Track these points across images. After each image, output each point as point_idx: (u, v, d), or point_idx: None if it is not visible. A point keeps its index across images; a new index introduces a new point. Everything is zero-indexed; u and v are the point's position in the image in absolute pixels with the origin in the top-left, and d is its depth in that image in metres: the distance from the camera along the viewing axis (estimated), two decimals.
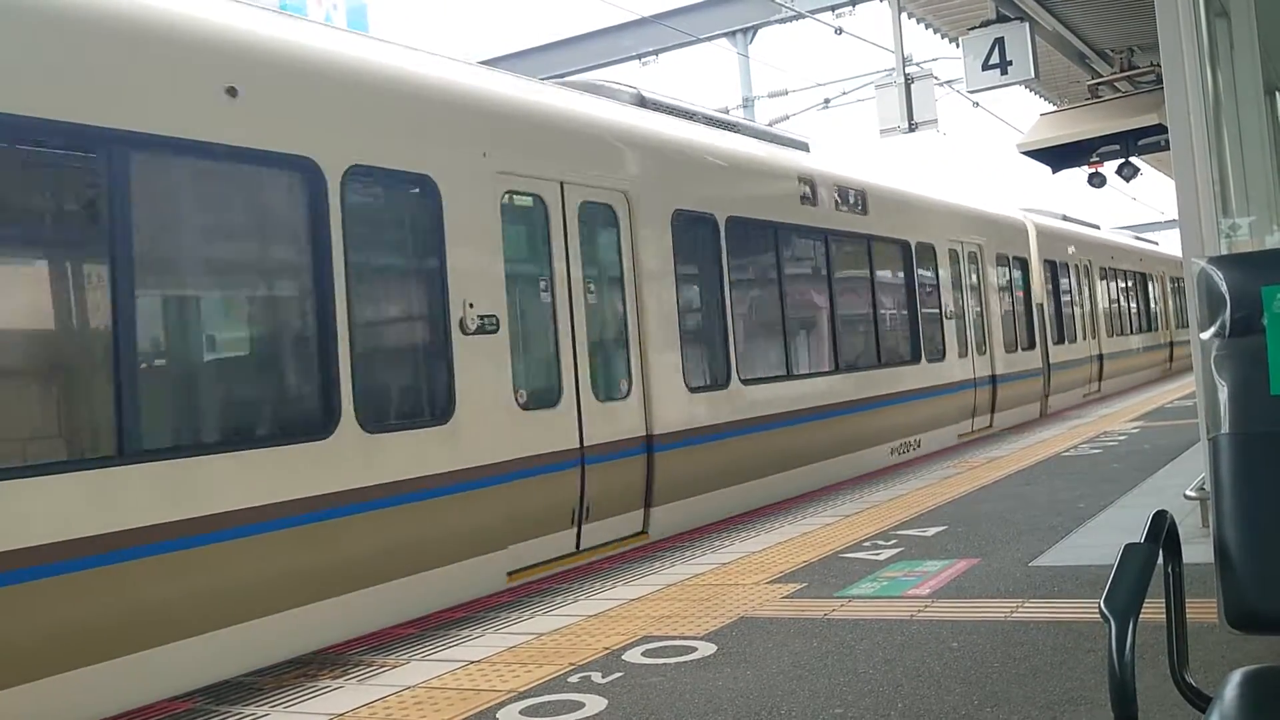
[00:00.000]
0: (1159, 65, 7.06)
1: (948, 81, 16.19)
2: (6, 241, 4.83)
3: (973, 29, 10.54)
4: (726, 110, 20.63)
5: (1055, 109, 13.77)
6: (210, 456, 5.24)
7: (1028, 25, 10.30)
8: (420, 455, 6.28)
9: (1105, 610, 1.82)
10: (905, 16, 12.35)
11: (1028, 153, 12.28)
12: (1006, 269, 16.25)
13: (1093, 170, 13.30)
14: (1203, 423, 5.05)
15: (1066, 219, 21.95)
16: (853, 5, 17.94)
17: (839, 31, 17.84)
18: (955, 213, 15.05)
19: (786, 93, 21.01)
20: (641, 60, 19.78)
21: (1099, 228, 24.70)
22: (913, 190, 13.99)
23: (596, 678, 4.65)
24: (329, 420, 5.75)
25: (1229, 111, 5.55)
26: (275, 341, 6.03)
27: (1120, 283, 23.42)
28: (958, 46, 11.37)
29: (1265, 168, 5.94)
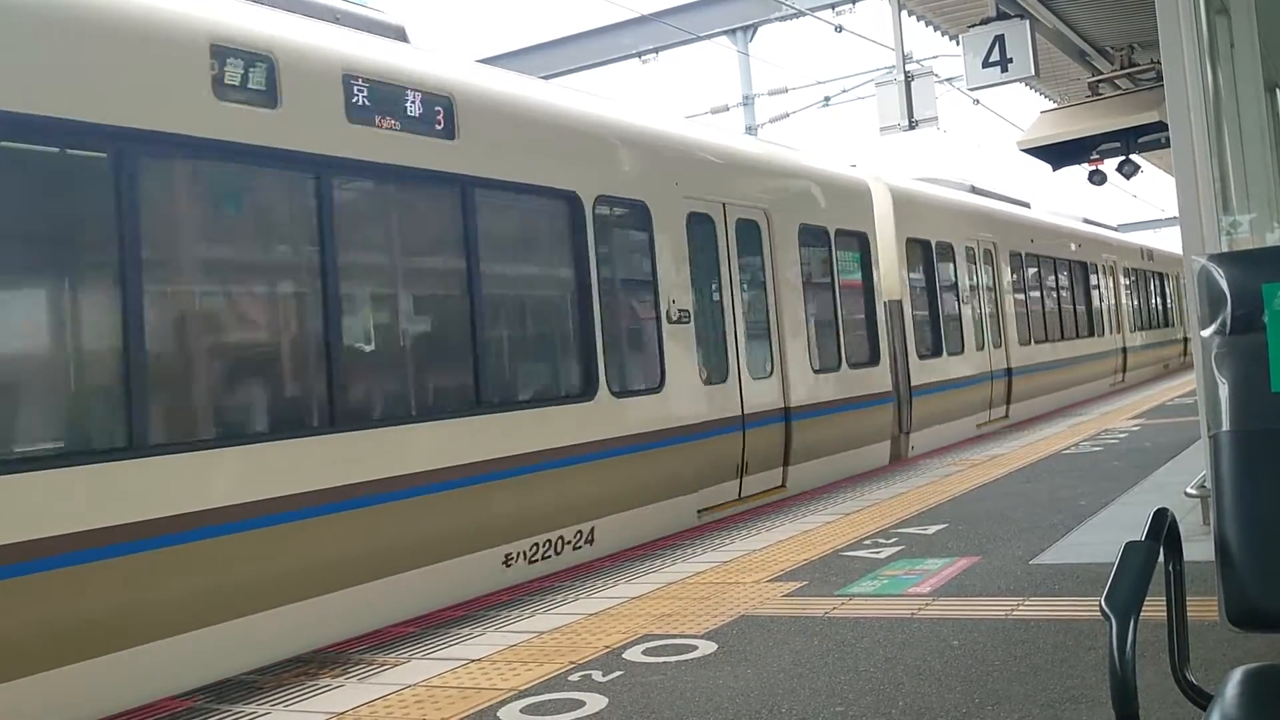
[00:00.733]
0: (1159, 62, 7.05)
1: (948, 79, 16.19)
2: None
3: (973, 26, 10.53)
4: (726, 108, 20.71)
5: (1055, 106, 13.76)
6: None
7: (1028, 22, 10.29)
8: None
9: (1106, 608, 1.82)
10: (905, 14, 12.33)
11: (1028, 150, 12.27)
12: (825, 249, 11.28)
13: (1093, 168, 13.29)
14: (1203, 420, 5.06)
15: (977, 190, 17.53)
16: (853, 3, 17.92)
17: (839, 29, 17.83)
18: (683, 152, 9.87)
19: (787, 90, 20.99)
20: (642, 58, 19.76)
21: (1029, 205, 19.81)
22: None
23: (597, 676, 4.65)
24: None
25: (1229, 109, 5.55)
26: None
27: (1047, 273, 18.57)
28: (958, 44, 11.38)
29: (1266, 165, 5.94)
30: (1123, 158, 12.74)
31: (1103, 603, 1.84)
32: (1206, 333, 2.26)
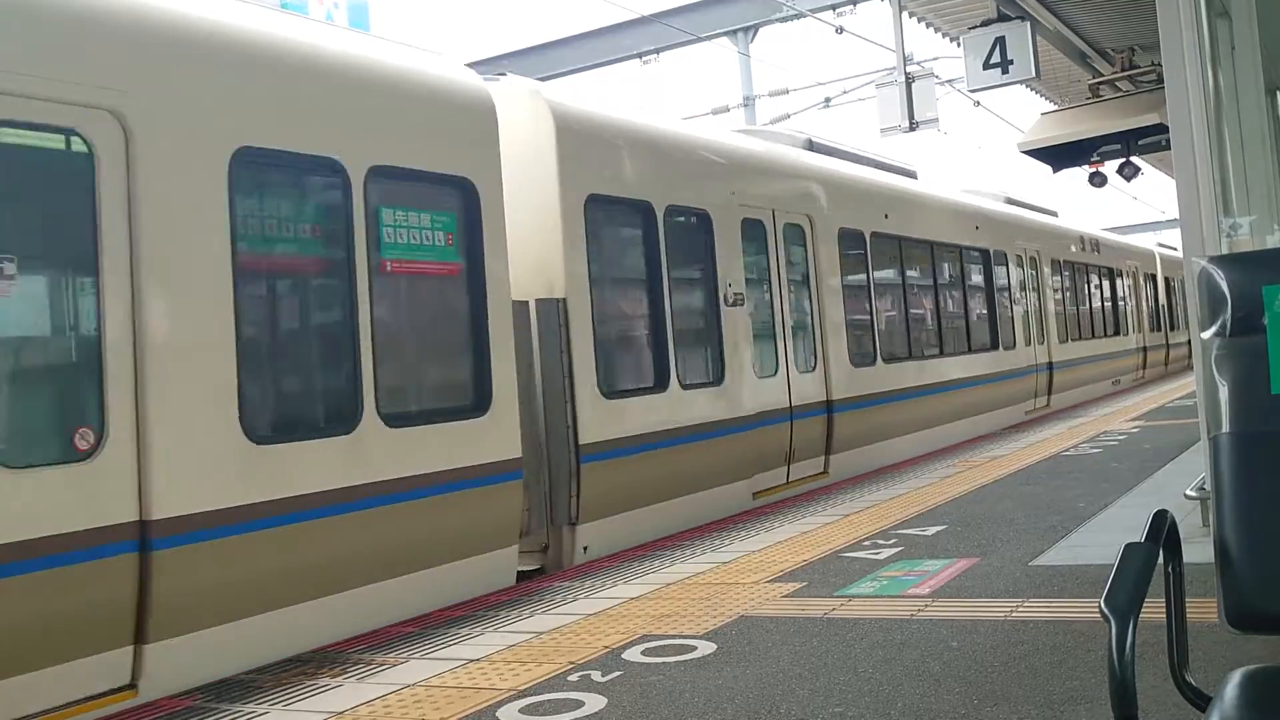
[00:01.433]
0: (1160, 65, 7.06)
1: (948, 80, 16.18)
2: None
3: (973, 28, 10.52)
4: (727, 109, 20.69)
5: (1056, 108, 13.75)
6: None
7: (1029, 24, 10.28)
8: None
9: (1105, 610, 1.82)
10: (906, 15, 12.34)
11: (1028, 152, 12.26)
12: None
13: (1093, 169, 13.28)
14: (1203, 422, 5.05)
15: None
16: (853, 4, 17.88)
17: (840, 30, 17.80)
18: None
19: (787, 91, 20.96)
20: (642, 59, 19.75)
21: (915, 175, 14.77)
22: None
23: (596, 676, 4.65)
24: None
25: (1230, 111, 5.55)
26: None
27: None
28: (958, 45, 11.36)
29: (1266, 167, 5.94)
30: (1123, 160, 12.72)
31: (1102, 604, 1.84)
32: (1207, 335, 2.26)
